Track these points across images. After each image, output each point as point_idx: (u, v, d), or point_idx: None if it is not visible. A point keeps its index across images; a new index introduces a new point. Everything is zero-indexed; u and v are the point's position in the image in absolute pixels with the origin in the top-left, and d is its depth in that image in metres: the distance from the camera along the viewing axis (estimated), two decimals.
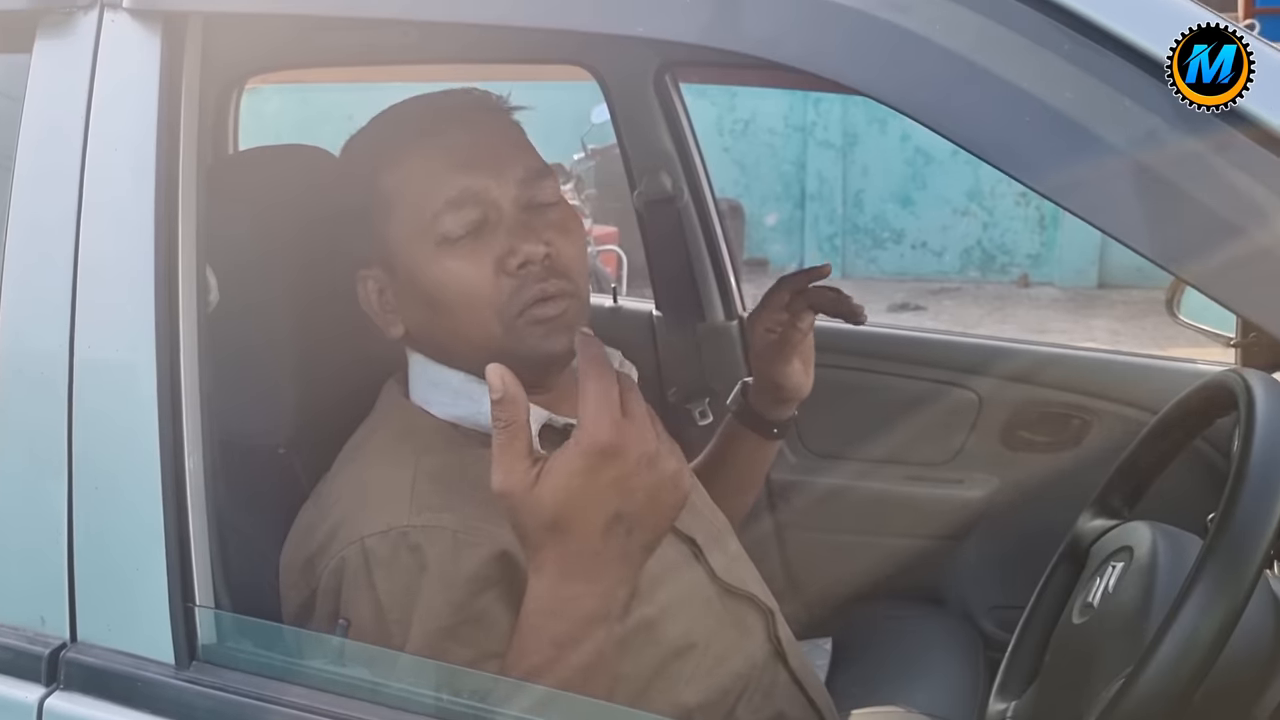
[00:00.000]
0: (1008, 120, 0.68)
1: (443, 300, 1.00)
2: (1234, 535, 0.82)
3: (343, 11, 0.87)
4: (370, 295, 1.06)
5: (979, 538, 1.97)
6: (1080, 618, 1.02)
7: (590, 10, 0.74)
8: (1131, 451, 1.17)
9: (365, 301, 1.07)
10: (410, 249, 1.02)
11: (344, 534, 0.95)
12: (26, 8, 0.90)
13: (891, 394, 1.96)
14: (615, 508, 0.82)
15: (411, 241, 1.01)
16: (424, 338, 1.05)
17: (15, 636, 0.86)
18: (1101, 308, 6.99)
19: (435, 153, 1.02)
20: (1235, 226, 0.64)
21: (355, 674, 0.82)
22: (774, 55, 0.71)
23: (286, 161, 1.22)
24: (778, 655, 1.15)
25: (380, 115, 1.10)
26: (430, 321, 1.03)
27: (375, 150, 1.06)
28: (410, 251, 1.02)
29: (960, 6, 0.68)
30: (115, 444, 0.83)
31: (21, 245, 0.87)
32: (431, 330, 1.04)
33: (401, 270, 1.03)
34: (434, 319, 1.03)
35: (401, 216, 1.02)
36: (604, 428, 0.80)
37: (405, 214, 1.02)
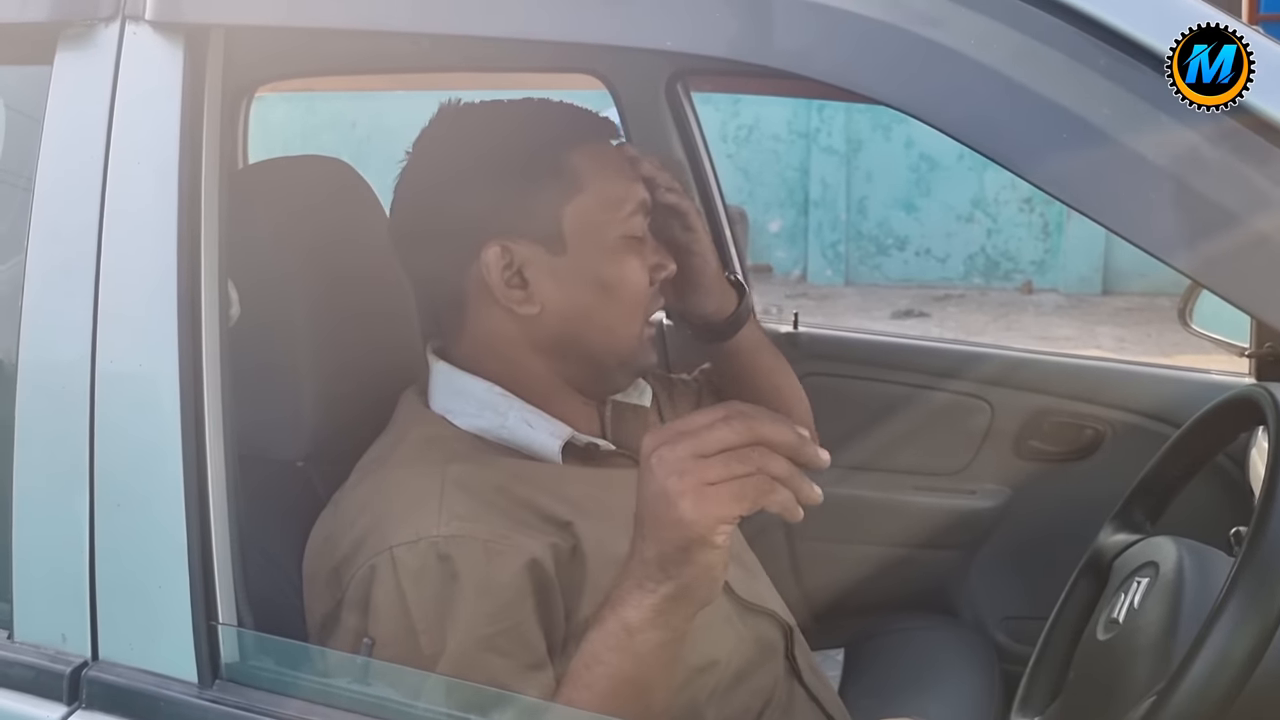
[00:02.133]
0: (1044, 135, 0.67)
1: (618, 293, 1.03)
2: (1266, 553, 0.82)
3: (367, 25, 0.87)
4: (496, 265, 1.01)
5: (991, 548, 1.97)
6: (1106, 634, 1.02)
7: (622, 25, 0.73)
8: (1154, 465, 1.16)
9: (489, 272, 1.01)
10: (597, 232, 1.03)
11: (371, 544, 0.94)
12: (47, 19, 0.89)
13: (903, 404, 1.95)
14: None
15: (600, 226, 1.03)
16: (557, 323, 1.03)
17: (36, 655, 0.85)
18: (1106, 314, 6.98)
19: (624, 153, 1.08)
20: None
21: (381, 693, 0.81)
22: (806, 70, 0.71)
23: (305, 172, 1.22)
24: (792, 673, 1.15)
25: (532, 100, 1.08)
26: (588, 307, 1.04)
27: (558, 122, 1.06)
28: (595, 234, 1.02)
29: (994, 21, 0.68)
30: (138, 459, 0.83)
31: (43, 258, 0.86)
32: (579, 316, 1.04)
33: (576, 250, 1.02)
34: (595, 306, 1.04)
35: (591, 200, 1.02)
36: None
37: (597, 199, 1.02)
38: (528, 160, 1.02)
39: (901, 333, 4.97)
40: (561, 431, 1.04)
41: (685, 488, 0.78)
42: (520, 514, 0.97)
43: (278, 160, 1.20)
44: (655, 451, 0.80)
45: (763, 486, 0.78)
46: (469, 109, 1.09)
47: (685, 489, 0.78)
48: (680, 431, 0.80)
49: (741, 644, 1.08)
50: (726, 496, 0.78)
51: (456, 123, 1.08)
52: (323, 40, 1.68)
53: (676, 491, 0.78)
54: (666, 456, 0.79)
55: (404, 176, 1.08)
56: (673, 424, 0.82)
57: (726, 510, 0.78)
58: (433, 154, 1.07)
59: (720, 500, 0.78)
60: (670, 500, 0.78)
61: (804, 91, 2.36)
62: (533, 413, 1.04)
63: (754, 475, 0.78)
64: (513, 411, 1.04)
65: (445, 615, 0.90)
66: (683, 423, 0.81)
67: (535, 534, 0.96)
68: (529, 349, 1.05)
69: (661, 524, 0.80)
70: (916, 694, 1.64)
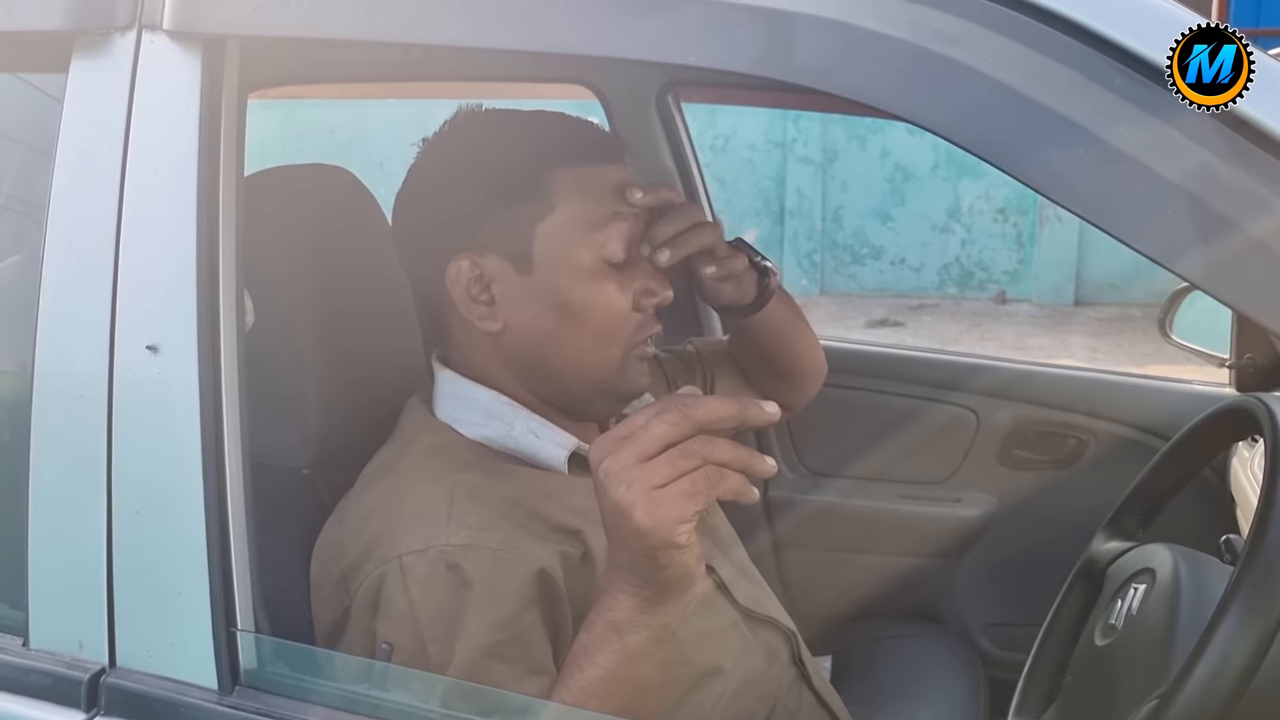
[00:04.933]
0: (1061, 153, 0.69)
1: (586, 318, 1.00)
2: (1265, 561, 0.84)
3: (384, 37, 0.87)
4: (463, 279, 1.01)
5: (976, 556, 1.99)
6: (1103, 639, 1.04)
7: (649, 40, 0.74)
8: (1147, 474, 1.19)
9: (454, 285, 1.02)
10: (565, 254, 1.00)
11: (380, 551, 0.94)
12: (62, 27, 0.89)
13: (890, 413, 1.97)
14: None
15: (569, 248, 1.00)
16: (521, 343, 1.03)
17: (53, 662, 0.85)
18: (1078, 324, 7.05)
19: (608, 172, 1.02)
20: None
21: (399, 699, 0.82)
22: (826, 86, 0.72)
23: (310, 181, 1.22)
24: (801, 678, 1.16)
25: (537, 112, 1.07)
26: (552, 331, 1.01)
27: (547, 141, 1.03)
28: (563, 256, 1.00)
29: (1012, 41, 0.70)
30: (157, 466, 0.83)
31: (59, 266, 0.86)
32: (543, 338, 1.02)
33: (542, 271, 1.00)
34: (559, 330, 1.01)
35: (564, 220, 1.00)
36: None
37: (570, 219, 1.00)
38: (508, 176, 1.01)
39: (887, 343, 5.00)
40: (567, 442, 1.05)
41: (635, 498, 0.78)
42: (529, 523, 0.97)
43: (281, 169, 1.20)
44: (602, 465, 0.80)
45: (712, 477, 0.78)
46: (477, 116, 1.08)
47: (635, 499, 0.78)
48: (620, 438, 0.80)
49: (747, 651, 1.09)
50: (678, 496, 0.78)
51: (460, 129, 1.07)
52: (314, 47, 1.68)
53: (628, 503, 0.78)
54: (612, 469, 0.79)
55: (405, 179, 1.09)
56: (612, 431, 0.81)
57: (680, 511, 0.78)
58: (432, 158, 1.07)
59: (672, 502, 0.78)
60: (624, 513, 0.78)
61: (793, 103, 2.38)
62: (539, 423, 1.05)
63: (701, 468, 0.78)
64: (519, 421, 1.04)
65: (453, 623, 0.91)
66: (621, 428, 0.81)
67: (544, 543, 0.96)
68: (501, 365, 1.05)
69: (623, 535, 0.80)
70: (904, 701, 1.65)
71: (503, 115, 1.08)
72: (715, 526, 1.19)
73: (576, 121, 1.07)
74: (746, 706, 1.07)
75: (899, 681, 1.72)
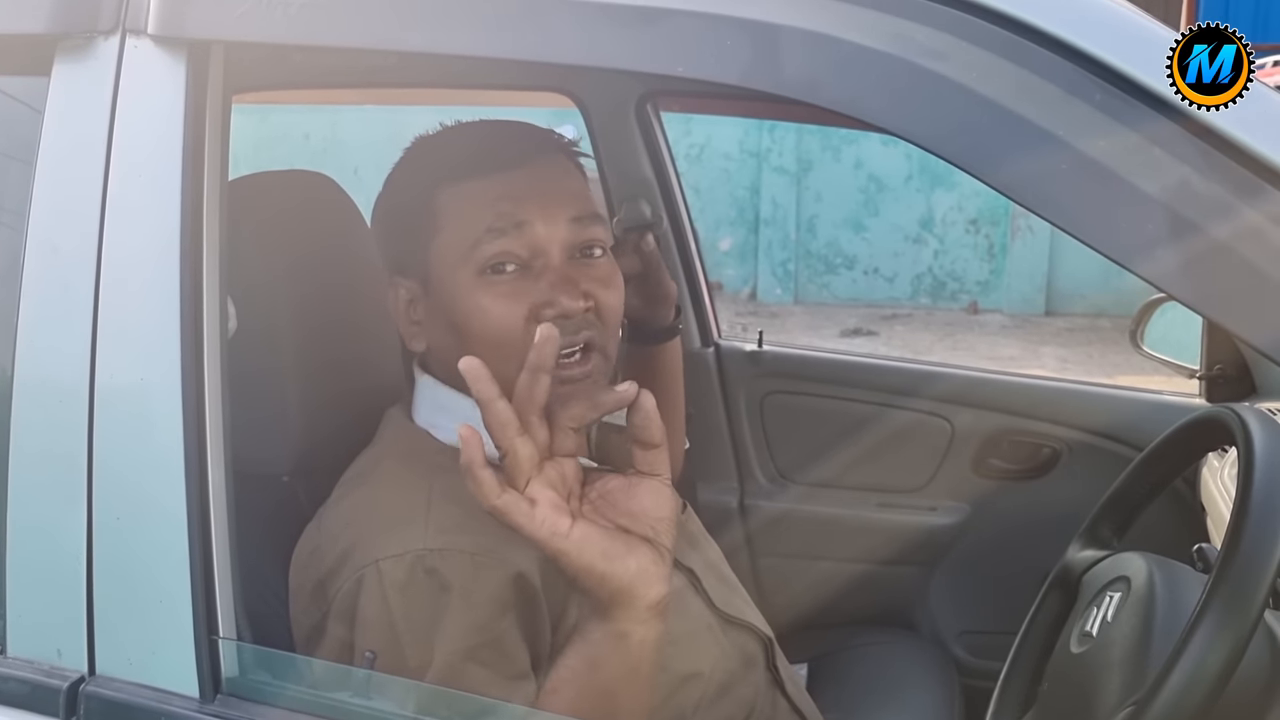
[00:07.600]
0: (1042, 166, 0.70)
1: (470, 332, 0.99)
2: (1239, 569, 0.85)
3: (369, 44, 0.87)
4: (399, 303, 1.05)
5: (950, 564, 2.00)
6: (1079, 647, 1.04)
7: (638, 50, 0.75)
8: (1121, 483, 1.20)
9: (393, 308, 1.06)
10: (449, 272, 1.00)
11: (358, 557, 0.94)
12: (45, 31, 0.89)
13: (865, 422, 1.99)
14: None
15: (453, 265, 1.00)
16: (442, 360, 1.04)
17: (31, 670, 0.84)
18: (1049, 334, 7.12)
19: (493, 181, 1.01)
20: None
21: (381, 706, 0.82)
22: (813, 98, 0.73)
23: (292, 187, 1.22)
24: (775, 684, 1.16)
25: (452, 129, 1.09)
26: (453, 348, 1.01)
27: (438, 163, 1.04)
28: (449, 275, 1.00)
29: (996, 56, 0.70)
30: (138, 473, 0.82)
31: (40, 271, 0.85)
32: (451, 355, 1.01)
33: (436, 290, 1.02)
34: (457, 347, 1.00)
35: (446, 237, 1.01)
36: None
37: (450, 235, 1.00)
38: (406, 200, 1.05)
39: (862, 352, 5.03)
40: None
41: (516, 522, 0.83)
42: (506, 528, 0.97)
43: (263, 175, 1.20)
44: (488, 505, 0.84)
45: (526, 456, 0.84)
46: (434, 135, 1.10)
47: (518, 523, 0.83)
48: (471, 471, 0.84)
49: (724, 656, 1.09)
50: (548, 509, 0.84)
51: (412, 148, 1.10)
52: (291, 52, 1.68)
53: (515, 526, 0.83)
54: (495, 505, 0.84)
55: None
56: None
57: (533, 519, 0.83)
58: (390, 176, 1.10)
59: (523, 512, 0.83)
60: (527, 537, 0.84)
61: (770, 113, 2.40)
62: None
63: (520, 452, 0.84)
64: None
65: (431, 627, 0.91)
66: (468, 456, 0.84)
67: (521, 546, 0.96)
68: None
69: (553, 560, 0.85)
70: (878, 708, 1.67)
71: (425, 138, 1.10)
72: (683, 522, 1.20)
73: (474, 132, 1.08)
74: (725, 711, 1.07)
75: (874, 689, 1.73)
